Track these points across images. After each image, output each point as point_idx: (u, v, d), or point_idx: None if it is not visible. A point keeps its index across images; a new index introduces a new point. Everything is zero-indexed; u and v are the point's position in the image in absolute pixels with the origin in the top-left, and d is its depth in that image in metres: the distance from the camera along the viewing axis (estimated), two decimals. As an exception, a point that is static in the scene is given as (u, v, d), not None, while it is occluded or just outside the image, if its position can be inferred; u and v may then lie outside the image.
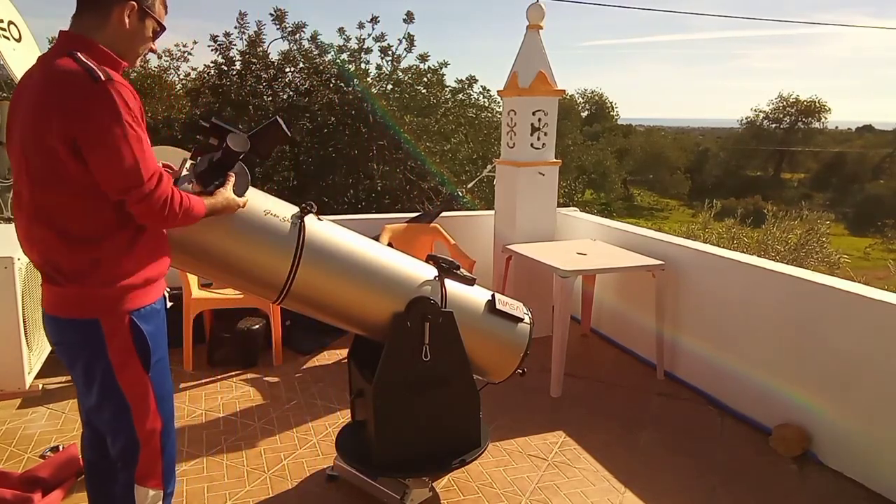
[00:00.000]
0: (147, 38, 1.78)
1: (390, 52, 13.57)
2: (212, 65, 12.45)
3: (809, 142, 44.53)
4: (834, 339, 3.08)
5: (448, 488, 2.81)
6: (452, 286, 2.52)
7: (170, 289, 1.97)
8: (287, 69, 12.53)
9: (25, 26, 4.54)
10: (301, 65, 12.72)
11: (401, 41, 13.46)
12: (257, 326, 4.13)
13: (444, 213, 5.30)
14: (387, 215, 5.67)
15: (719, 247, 5.40)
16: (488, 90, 15.23)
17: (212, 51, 12.36)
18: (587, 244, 4.55)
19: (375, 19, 13.28)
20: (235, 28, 12.47)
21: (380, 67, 13.83)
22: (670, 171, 39.91)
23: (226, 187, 1.92)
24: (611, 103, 46.83)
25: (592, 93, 46.76)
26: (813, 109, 43.88)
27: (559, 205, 4.93)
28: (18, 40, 4.40)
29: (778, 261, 8.33)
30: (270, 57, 12.55)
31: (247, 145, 1.94)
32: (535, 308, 2.90)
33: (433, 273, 2.50)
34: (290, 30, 12.87)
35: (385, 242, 4.37)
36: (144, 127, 1.66)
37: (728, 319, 3.71)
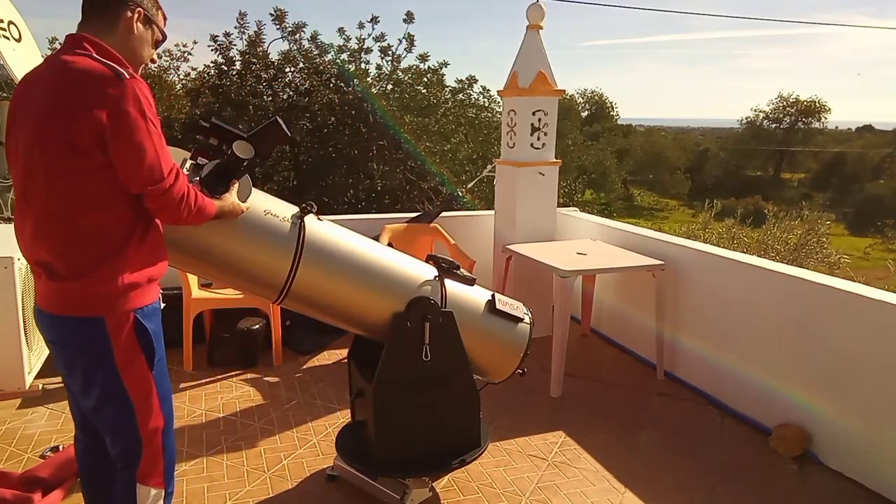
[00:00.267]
0: (151, 45, 1.82)
1: (390, 52, 13.57)
2: (212, 65, 12.46)
3: (809, 142, 44.51)
4: (834, 339, 3.08)
5: (448, 488, 2.81)
6: (452, 286, 2.52)
7: (170, 289, 1.97)
8: (287, 69, 12.52)
9: (25, 26, 4.54)
10: (301, 65, 12.71)
11: (401, 41, 13.46)
12: (257, 326, 4.13)
13: (444, 213, 5.30)
14: (387, 215, 5.67)
15: (719, 247, 5.40)
16: (488, 90, 15.24)
17: (212, 51, 12.37)
18: (587, 244, 4.55)
19: (375, 19, 13.28)
20: (235, 28, 12.48)
21: (380, 67, 13.83)
22: (670, 171, 39.89)
23: (231, 192, 1.96)
24: (611, 103, 46.85)
25: (592, 93, 46.79)
26: (813, 109, 43.86)
27: (559, 205, 4.94)
28: (18, 40, 4.39)
29: (778, 261, 8.33)
30: (270, 57, 12.54)
31: (251, 153, 1.96)
32: (535, 308, 2.90)
33: (433, 273, 2.51)
34: (290, 30, 12.86)
35: (385, 242, 4.37)
36: (160, 124, 1.70)
37: (728, 319, 3.71)
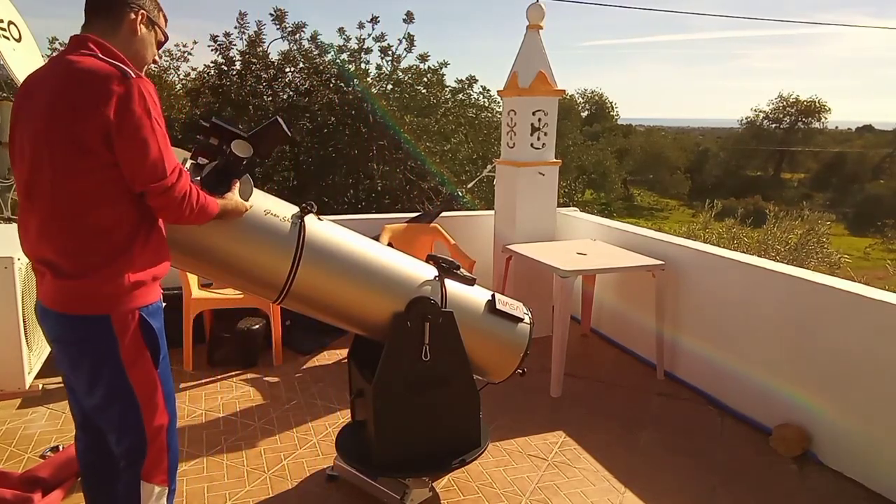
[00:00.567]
0: (154, 46, 1.83)
1: (390, 52, 13.57)
2: (212, 65, 12.47)
3: (809, 142, 44.51)
4: (834, 339, 3.08)
5: (448, 488, 2.81)
6: (452, 286, 2.52)
7: (170, 289, 1.97)
8: (287, 69, 12.52)
9: (25, 26, 4.54)
10: (301, 65, 12.71)
11: (401, 41, 13.46)
12: (257, 326, 4.13)
13: (444, 213, 5.30)
14: (387, 215, 5.66)
15: (719, 247, 5.40)
16: (488, 90, 15.24)
17: (212, 51, 12.37)
18: (587, 244, 4.55)
19: (375, 19, 13.27)
20: (235, 28, 12.48)
21: (380, 67, 13.83)
22: (670, 171, 39.88)
23: (233, 191, 1.97)
24: (611, 103, 46.87)
25: (592, 93, 46.80)
26: (813, 109, 43.87)
27: (559, 205, 4.94)
28: (18, 40, 4.39)
29: (778, 261, 8.33)
30: (270, 57, 12.54)
31: (250, 151, 1.97)
32: (535, 308, 2.90)
33: (433, 273, 2.51)
34: (290, 30, 12.87)
35: (385, 242, 4.37)
36: (165, 124, 1.71)
37: (728, 319, 3.71)
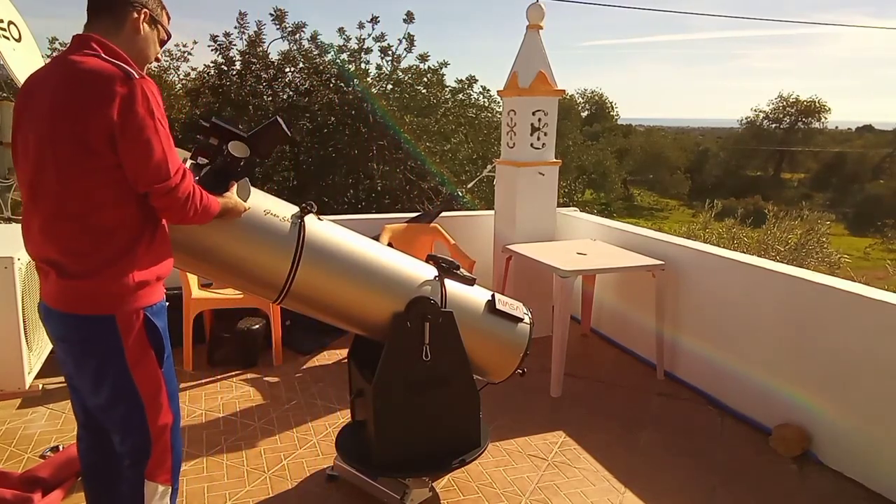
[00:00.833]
0: (156, 45, 1.83)
1: (390, 52, 13.56)
2: (212, 65, 12.47)
3: (809, 142, 44.51)
4: (834, 339, 3.08)
5: (448, 488, 2.81)
6: (452, 286, 2.52)
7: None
8: (287, 69, 12.52)
9: (25, 26, 4.54)
10: (301, 65, 12.71)
11: (401, 41, 13.46)
12: (257, 326, 4.13)
13: (444, 213, 5.30)
14: (387, 215, 5.66)
15: (719, 247, 5.40)
16: (488, 90, 15.24)
17: (212, 51, 12.38)
18: (587, 244, 4.55)
19: (375, 19, 13.27)
20: (235, 28, 12.48)
21: (380, 67, 13.83)
22: (670, 171, 39.88)
23: (231, 191, 1.97)
24: (611, 103, 46.89)
25: (592, 93, 46.81)
26: (813, 109, 43.88)
27: (559, 205, 4.94)
28: (18, 40, 4.39)
29: (778, 261, 8.33)
30: (270, 57, 12.54)
31: (247, 153, 1.98)
32: (535, 308, 2.90)
33: (433, 273, 2.50)
34: (290, 30, 12.87)
35: (385, 242, 4.37)
36: (168, 124, 1.71)
37: (728, 319, 3.71)
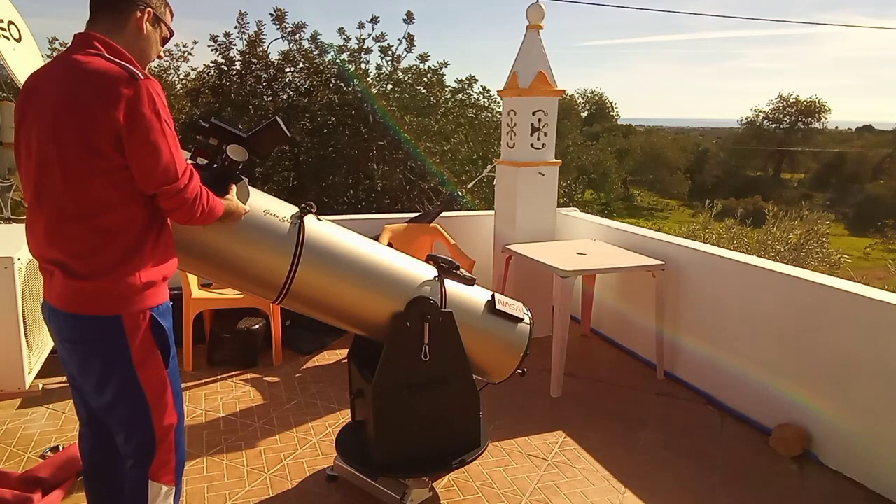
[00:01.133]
0: (159, 43, 1.82)
1: (390, 52, 13.57)
2: (212, 65, 12.48)
3: (809, 142, 44.53)
4: (834, 339, 3.08)
5: (448, 488, 2.81)
6: (452, 286, 2.52)
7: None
8: (287, 69, 12.53)
9: (25, 26, 4.54)
10: (301, 65, 12.71)
11: (401, 41, 13.46)
12: (257, 326, 4.13)
13: (444, 213, 5.29)
14: (387, 215, 5.66)
15: (719, 247, 5.40)
16: (488, 90, 15.22)
17: (212, 51, 12.39)
18: (587, 244, 4.55)
19: (375, 19, 13.27)
20: (235, 28, 12.50)
21: (380, 67, 13.83)
22: (670, 171, 39.88)
23: (231, 194, 1.97)
24: (611, 103, 46.95)
25: (592, 93, 46.85)
26: (813, 109, 43.92)
27: (559, 205, 4.93)
28: (18, 40, 4.39)
29: (778, 261, 8.33)
30: (270, 57, 12.55)
31: (245, 156, 1.99)
32: (535, 308, 2.90)
33: (433, 273, 2.50)
34: (290, 30, 12.86)
35: (385, 242, 4.37)
36: (173, 124, 1.70)
37: (728, 319, 3.71)
